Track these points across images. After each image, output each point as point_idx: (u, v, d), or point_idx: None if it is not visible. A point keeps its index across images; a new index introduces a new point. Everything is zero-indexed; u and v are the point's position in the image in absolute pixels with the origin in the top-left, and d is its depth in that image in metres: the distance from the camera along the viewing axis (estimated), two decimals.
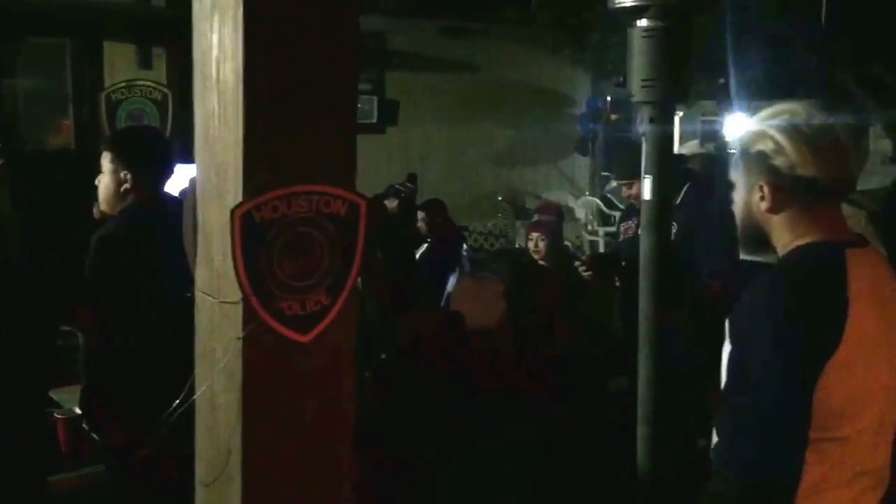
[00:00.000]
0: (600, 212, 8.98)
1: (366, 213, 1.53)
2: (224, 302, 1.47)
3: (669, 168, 2.98)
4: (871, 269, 1.65)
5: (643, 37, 2.85)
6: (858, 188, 5.64)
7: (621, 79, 2.97)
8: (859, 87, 5.59)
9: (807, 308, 1.55)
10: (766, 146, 1.65)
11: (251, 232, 1.42)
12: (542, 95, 9.69)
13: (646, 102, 2.89)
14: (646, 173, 2.91)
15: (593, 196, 9.46)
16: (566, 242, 8.06)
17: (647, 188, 2.90)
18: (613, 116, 8.94)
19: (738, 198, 1.76)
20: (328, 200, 1.49)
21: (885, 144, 6.34)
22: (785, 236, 1.68)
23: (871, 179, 6.64)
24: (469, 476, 3.20)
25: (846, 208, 4.48)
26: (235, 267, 1.41)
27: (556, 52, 8.18)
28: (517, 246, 8.11)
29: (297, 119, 1.45)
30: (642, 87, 2.86)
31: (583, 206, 9.30)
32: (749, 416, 1.56)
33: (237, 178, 1.42)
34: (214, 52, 1.46)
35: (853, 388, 1.56)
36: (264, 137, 1.43)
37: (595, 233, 8.95)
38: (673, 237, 3.52)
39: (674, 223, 3.56)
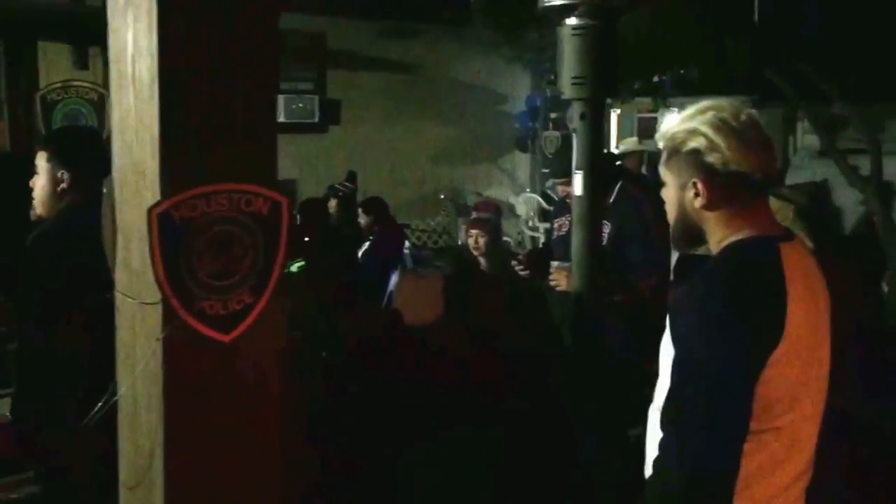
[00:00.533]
0: (541, 208, 9.08)
1: (288, 211, 1.53)
2: (144, 303, 1.46)
3: (601, 163, 3.03)
4: (800, 261, 1.66)
5: (572, 35, 2.89)
6: (787, 182, 5.78)
7: (552, 76, 3.01)
8: (788, 85, 5.73)
9: (750, 303, 1.55)
10: (698, 143, 1.64)
11: (170, 231, 1.40)
12: (482, 94, 9.73)
13: (577, 99, 2.93)
14: (577, 169, 2.94)
15: (534, 192, 9.55)
16: (507, 238, 8.13)
17: (577, 184, 2.93)
18: (553, 115, 9.03)
19: (670, 195, 1.75)
20: (249, 199, 1.49)
21: (813, 140, 6.51)
22: (719, 232, 1.68)
23: (799, 174, 6.85)
24: (419, 473, 3.21)
25: (775, 202, 4.60)
26: (154, 267, 1.40)
27: (495, 50, 8.21)
28: (460, 243, 8.13)
29: (215, 117, 1.44)
30: (573, 84, 2.89)
31: (524, 203, 9.38)
32: (696, 414, 1.55)
33: (154, 176, 1.40)
34: (129, 49, 1.45)
35: (792, 379, 1.58)
36: (182, 136, 1.41)
37: (536, 228, 9.04)
38: (606, 238, 3.55)
39: (607, 223, 3.59)
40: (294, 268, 4.87)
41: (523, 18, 5.90)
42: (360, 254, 6.06)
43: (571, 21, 2.89)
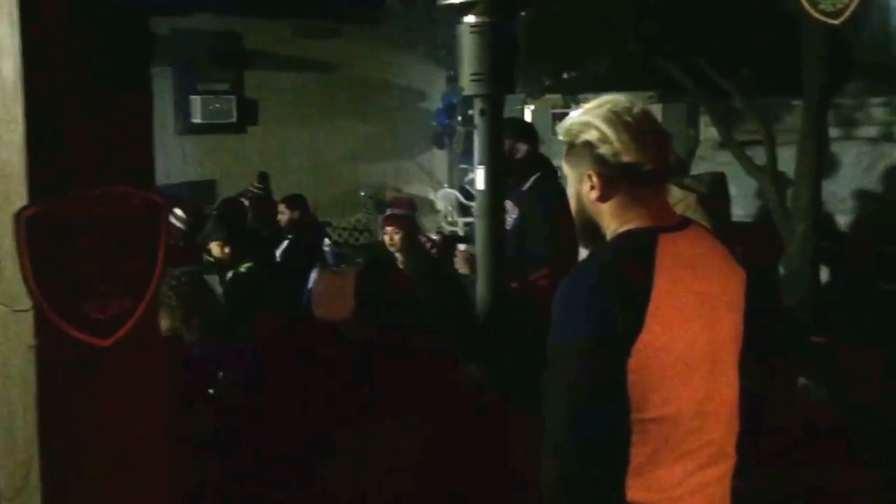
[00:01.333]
0: (459, 203, 9.20)
1: (166, 213, 1.51)
2: (16, 310, 1.42)
3: (502, 158, 3.09)
4: (688, 248, 1.67)
5: (471, 32, 2.94)
6: (692, 173, 5.94)
7: (452, 73, 3.07)
8: (687, 80, 5.92)
9: (607, 292, 1.56)
10: (591, 136, 1.67)
11: (40, 235, 1.37)
12: (399, 92, 9.80)
13: (476, 96, 2.98)
14: (478, 164, 3.00)
15: (452, 188, 9.68)
16: (427, 233, 8.17)
17: (479, 178, 2.99)
18: (470, 111, 9.13)
19: (570, 191, 1.76)
20: (125, 201, 1.46)
21: (714, 132, 6.73)
22: (612, 225, 1.69)
23: (701, 165, 7.07)
24: (337, 474, 3.20)
25: (678, 192, 4.72)
26: (24, 273, 1.36)
27: (410, 49, 8.27)
28: (380, 240, 8.15)
29: (86, 118, 1.41)
30: (472, 80, 2.95)
31: (442, 198, 9.50)
32: (559, 407, 1.57)
33: (21, 180, 1.37)
34: None
35: (668, 366, 1.57)
36: (50, 138, 1.38)
37: (454, 223, 9.16)
38: (511, 222, 3.62)
39: (516, 208, 3.65)
40: (243, 268, 4.81)
41: (434, 16, 5.95)
42: (279, 252, 6.01)
43: (469, 18, 2.94)
